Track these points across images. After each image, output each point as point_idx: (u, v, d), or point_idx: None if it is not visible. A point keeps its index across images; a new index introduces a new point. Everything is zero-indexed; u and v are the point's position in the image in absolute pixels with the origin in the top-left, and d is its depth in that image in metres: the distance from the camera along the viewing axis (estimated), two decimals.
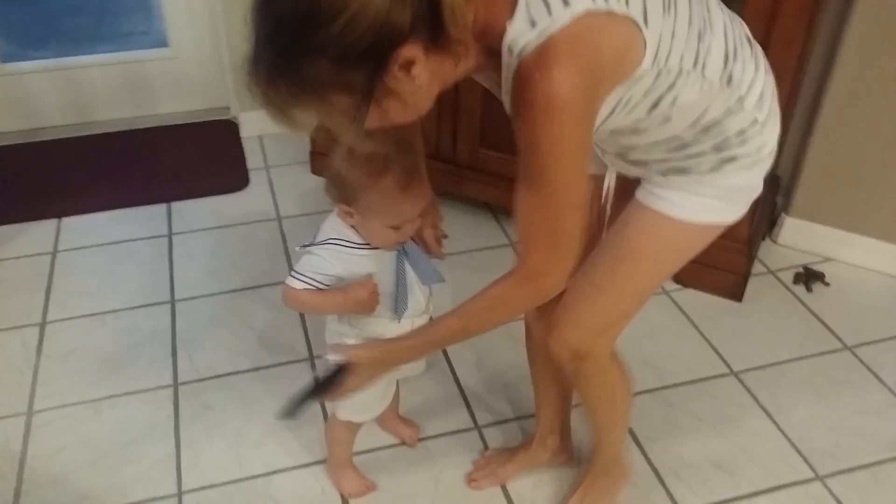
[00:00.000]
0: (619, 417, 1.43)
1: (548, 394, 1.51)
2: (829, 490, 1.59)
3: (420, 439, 1.68)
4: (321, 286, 1.24)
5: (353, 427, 1.51)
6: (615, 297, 1.20)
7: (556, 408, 1.53)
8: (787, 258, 2.22)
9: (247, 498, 1.56)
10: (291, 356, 1.88)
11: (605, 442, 1.46)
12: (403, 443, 1.67)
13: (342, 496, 1.56)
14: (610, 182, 1.23)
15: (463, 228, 2.32)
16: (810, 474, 1.62)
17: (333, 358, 1.18)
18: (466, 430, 1.71)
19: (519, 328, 1.47)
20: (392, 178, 1.14)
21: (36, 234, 2.28)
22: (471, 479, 1.60)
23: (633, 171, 1.16)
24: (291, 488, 1.58)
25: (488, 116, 2.17)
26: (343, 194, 1.20)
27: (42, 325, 1.97)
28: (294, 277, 1.24)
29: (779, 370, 1.86)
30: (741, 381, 1.83)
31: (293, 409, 1.18)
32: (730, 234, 1.97)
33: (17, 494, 1.56)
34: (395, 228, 1.20)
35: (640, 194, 1.15)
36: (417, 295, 1.30)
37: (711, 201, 1.13)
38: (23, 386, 1.80)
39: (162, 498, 1.56)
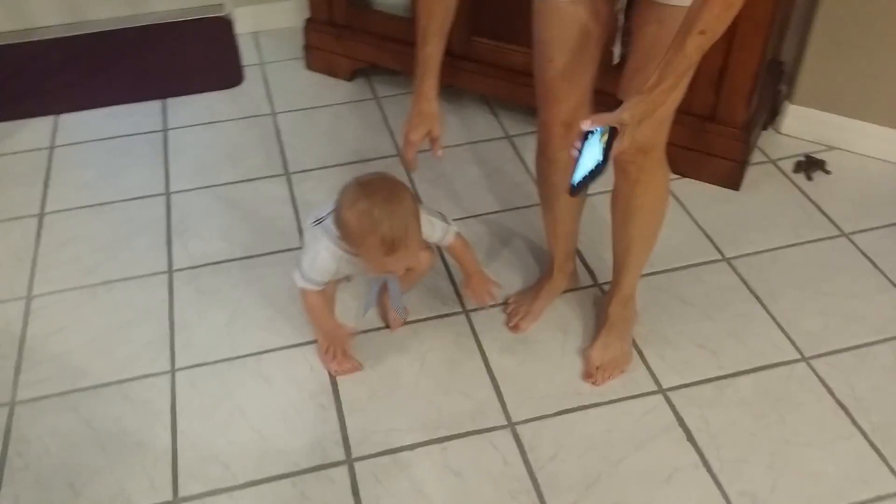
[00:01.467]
0: (656, 231, 1.53)
1: (564, 221, 1.63)
2: (814, 370, 1.59)
3: (408, 322, 1.70)
4: (316, 283, 1.49)
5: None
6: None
7: (571, 233, 1.67)
8: (789, 147, 2.17)
9: (237, 375, 1.60)
10: (283, 245, 1.90)
11: (635, 265, 1.56)
12: (387, 326, 1.69)
13: (329, 373, 1.60)
14: None
15: (459, 120, 2.29)
16: (796, 355, 1.62)
17: (591, 125, 1.12)
18: (454, 314, 1.73)
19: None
20: (376, 244, 1.33)
21: (33, 131, 2.29)
22: (512, 327, 1.67)
23: None
24: (281, 366, 1.62)
25: (480, 2, 2.11)
26: (344, 235, 1.39)
27: (40, 216, 2.00)
28: (303, 280, 1.49)
29: (771, 256, 1.85)
30: (732, 267, 1.82)
31: (580, 188, 1.12)
32: (726, 119, 1.96)
33: (18, 371, 1.62)
34: (384, 271, 1.43)
35: None
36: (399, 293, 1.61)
37: None
38: (22, 272, 1.84)
39: (156, 374, 1.61)
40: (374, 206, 1.33)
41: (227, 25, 2.69)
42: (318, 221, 1.47)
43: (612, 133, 1.11)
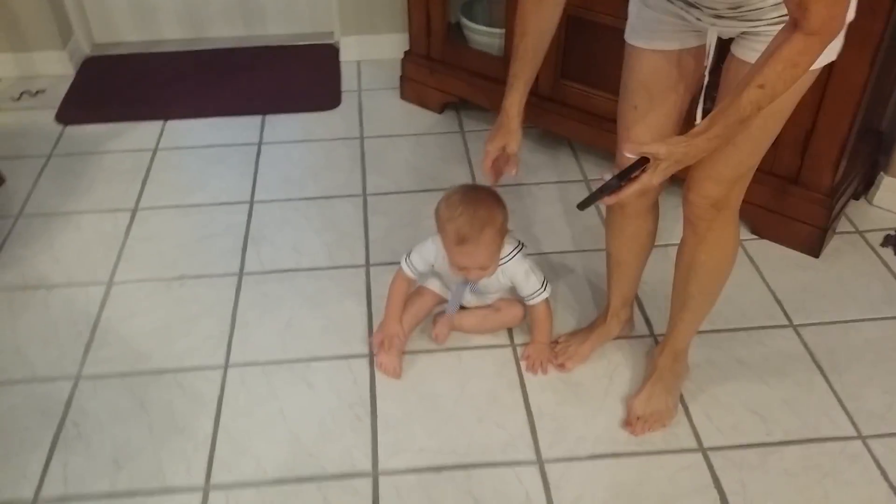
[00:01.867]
0: (718, 290, 1.51)
1: (626, 267, 1.63)
2: (870, 450, 1.50)
3: (455, 348, 1.72)
4: (412, 267, 1.65)
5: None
6: (749, 151, 1.29)
7: (632, 281, 1.66)
8: (880, 220, 2.08)
9: (285, 378, 1.66)
10: (349, 262, 1.96)
11: (691, 320, 1.54)
12: (436, 338, 1.71)
13: (371, 387, 1.63)
14: (711, 43, 1.26)
15: (540, 159, 2.32)
16: (852, 432, 1.54)
17: (628, 154, 1.20)
18: (501, 347, 1.73)
19: None
20: (452, 231, 1.49)
21: (142, 133, 2.46)
22: (558, 365, 1.67)
23: (738, 28, 1.19)
24: (326, 375, 1.66)
25: (570, 47, 2.14)
26: (436, 221, 1.55)
27: (134, 211, 2.14)
28: (403, 259, 1.66)
29: (843, 329, 1.76)
30: (798, 334, 1.75)
31: (588, 202, 1.23)
32: (810, 183, 1.90)
33: (88, 348, 1.73)
34: (457, 267, 1.55)
35: (746, 54, 1.20)
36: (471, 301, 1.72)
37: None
38: (109, 260, 1.98)
39: (210, 368, 1.68)
40: (463, 202, 1.51)
41: (333, 52, 2.83)
42: None
43: (641, 163, 1.13)
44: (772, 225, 2.00)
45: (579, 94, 2.19)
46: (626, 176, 1.18)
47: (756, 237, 2.02)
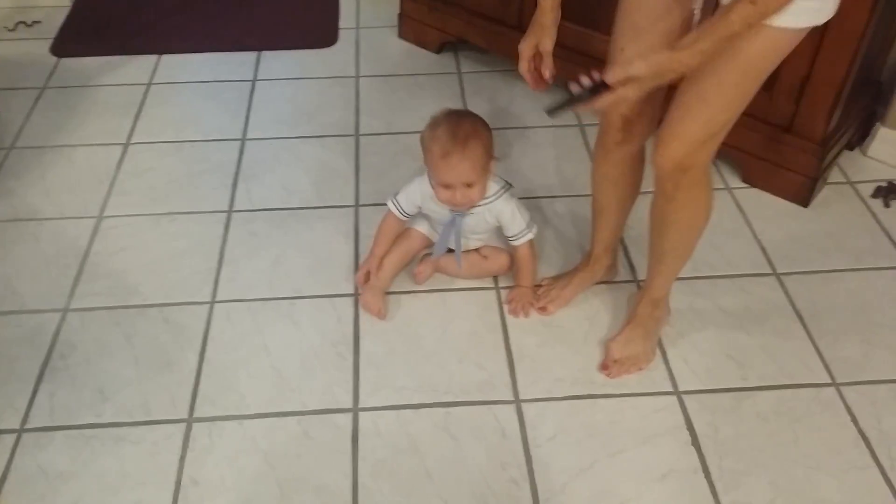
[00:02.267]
0: (692, 245, 1.50)
1: (609, 214, 1.62)
2: (842, 397, 1.53)
3: (439, 290, 1.73)
4: (400, 209, 1.67)
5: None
6: (721, 107, 1.25)
7: (614, 227, 1.66)
8: (872, 171, 2.07)
9: (269, 315, 1.68)
10: (338, 202, 1.96)
11: (668, 272, 1.54)
12: (416, 275, 1.73)
13: (354, 326, 1.65)
14: None
15: (533, 104, 2.29)
16: (826, 379, 1.56)
17: (611, 82, 1.17)
18: (485, 289, 1.75)
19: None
20: (436, 146, 1.51)
21: (137, 67, 2.45)
22: (539, 308, 1.68)
23: None
24: (310, 313, 1.69)
25: None
26: (421, 147, 1.57)
27: (126, 146, 2.14)
28: (391, 199, 1.68)
29: (825, 277, 1.77)
30: (781, 283, 1.76)
31: (554, 110, 1.23)
32: (804, 132, 1.88)
33: (77, 282, 1.75)
34: (445, 187, 1.54)
35: None
36: (459, 245, 1.69)
37: (812, 3, 1.12)
38: (99, 193, 1.98)
39: (197, 303, 1.71)
40: (445, 120, 1.55)
41: None
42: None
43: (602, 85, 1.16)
44: (762, 173, 1.99)
45: (577, 35, 2.15)
46: (594, 92, 1.17)
47: (746, 185, 2.02)
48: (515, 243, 1.66)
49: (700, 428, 1.47)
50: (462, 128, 1.52)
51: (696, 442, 1.45)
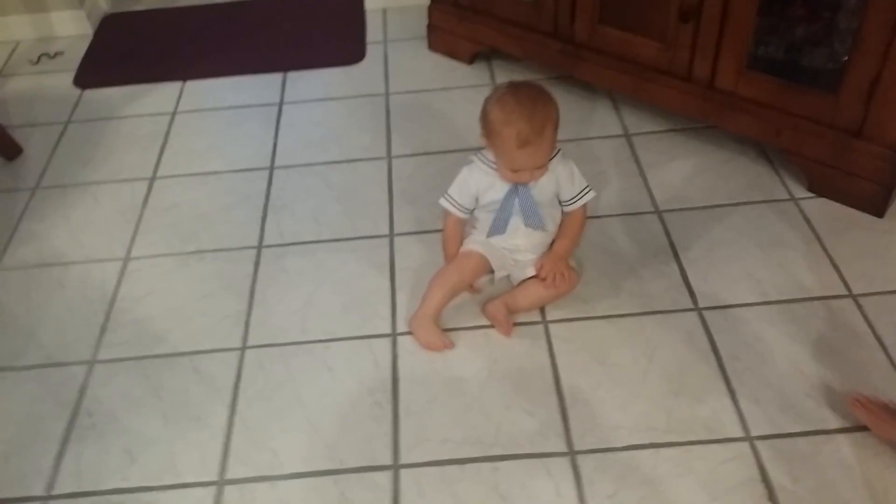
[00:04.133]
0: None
1: None
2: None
3: (482, 326, 1.61)
4: (458, 205, 1.58)
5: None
6: None
7: None
8: None
9: (303, 361, 1.58)
10: (372, 231, 1.85)
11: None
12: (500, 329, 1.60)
13: (392, 370, 1.54)
14: None
15: (576, 114, 2.16)
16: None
17: None
18: (532, 324, 1.62)
19: None
20: (513, 134, 1.41)
21: (161, 95, 2.37)
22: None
23: None
24: (346, 357, 1.58)
25: None
26: (484, 128, 1.48)
27: (152, 180, 2.06)
28: (444, 197, 1.59)
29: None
30: (859, 306, 1.60)
31: None
32: (875, 136, 1.71)
33: (104, 330, 1.67)
34: (513, 171, 1.46)
35: None
36: (520, 228, 1.57)
37: None
38: (125, 233, 1.91)
39: (227, 350, 1.61)
40: (519, 101, 1.43)
41: (357, 1, 2.68)
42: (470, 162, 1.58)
43: None
44: (831, 181, 1.83)
45: (619, 41, 2.01)
46: None
47: (813, 195, 1.85)
48: (576, 205, 1.58)
49: (776, 479, 1.32)
50: (538, 113, 1.42)
51: (773, 497, 1.30)
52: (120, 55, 2.56)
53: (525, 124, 1.41)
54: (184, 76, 2.44)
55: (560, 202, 1.59)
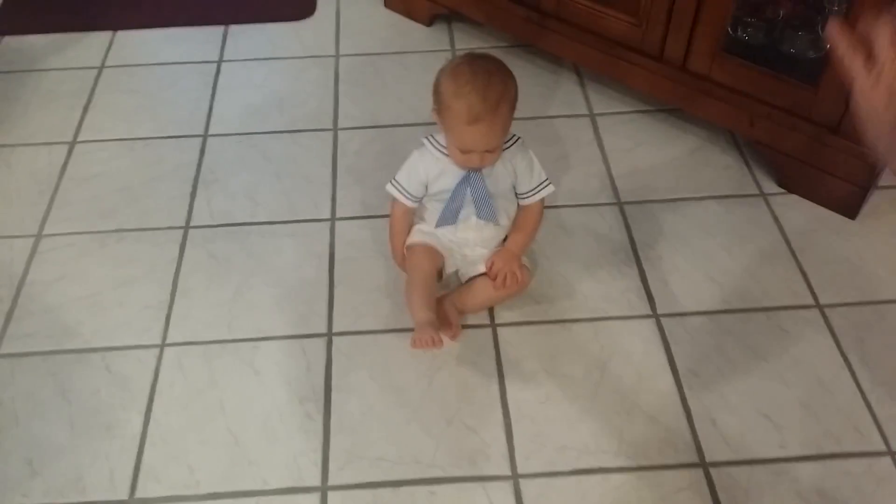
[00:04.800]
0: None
1: None
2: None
3: None
4: (406, 193, 1.43)
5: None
6: None
7: None
8: None
9: (228, 362, 1.45)
10: (312, 215, 1.71)
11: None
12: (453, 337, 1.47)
13: (326, 375, 1.42)
14: None
15: (538, 89, 2.01)
16: (881, 447, 1.32)
17: None
18: (480, 327, 1.50)
19: None
20: (464, 108, 1.27)
21: (88, 47, 2.16)
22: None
23: None
24: (276, 359, 1.45)
25: None
26: (435, 101, 1.35)
27: (72, 144, 1.88)
28: (390, 183, 1.45)
29: (877, 311, 1.52)
30: (825, 318, 1.51)
31: None
32: (853, 135, 1.60)
33: (9, 319, 1.52)
34: (462, 151, 1.33)
35: None
36: (471, 220, 1.43)
37: None
38: (39, 206, 1.73)
39: (144, 347, 1.47)
40: (474, 72, 1.29)
41: None
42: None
43: None
44: (803, 178, 1.72)
45: (587, 12, 1.85)
46: None
47: (783, 191, 1.74)
48: (533, 199, 1.46)
49: None
50: (493, 87, 1.28)
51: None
52: None
53: (477, 98, 1.27)
54: (115, 25, 2.22)
55: (516, 195, 1.46)
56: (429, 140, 1.42)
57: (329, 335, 1.48)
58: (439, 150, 1.40)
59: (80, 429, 1.35)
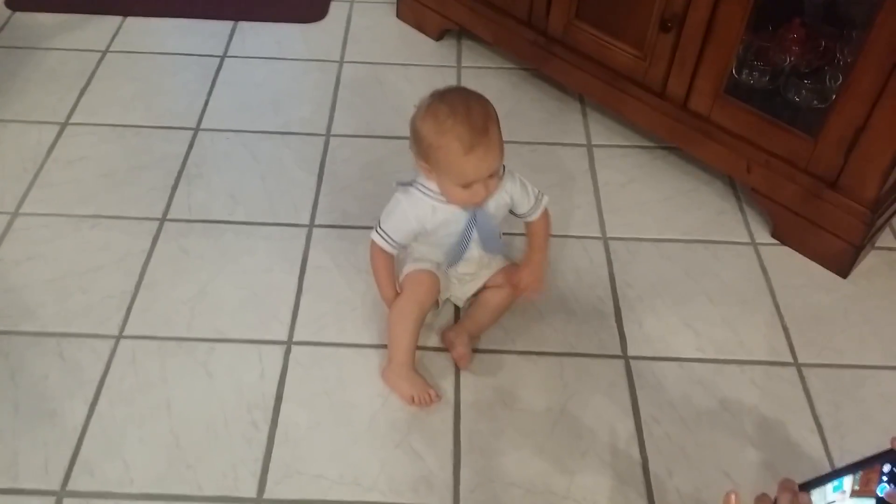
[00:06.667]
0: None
1: None
2: None
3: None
4: (393, 243, 1.35)
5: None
6: None
7: None
8: None
9: (181, 360, 1.42)
10: (291, 219, 1.68)
11: None
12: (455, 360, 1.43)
13: (279, 384, 1.38)
14: None
15: (540, 114, 1.97)
16: None
17: None
18: (437, 350, 1.46)
19: None
20: (454, 141, 1.22)
21: (96, 29, 2.16)
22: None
23: None
24: (230, 363, 1.42)
25: None
26: (419, 150, 1.27)
27: (63, 126, 1.87)
28: (376, 232, 1.35)
29: (857, 376, 1.46)
30: (802, 377, 1.45)
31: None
32: (851, 190, 1.55)
33: None
34: (465, 187, 1.26)
35: None
36: (474, 255, 1.40)
37: None
38: (21, 184, 1.72)
39: (100, 337, 1.45)
40: (451, 105, 1.24)
41: None
42: (403, 184, 1.35)
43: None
44: (797, 231, 1.67)
45: (593, 41, 1.82)
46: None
47: (776, 242, 1.69)
48: (537, 213, 1.42)
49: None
50: (474, 110, 1.24)
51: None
52: None
53: (464, 128, 1.22)
54: (125, 11, 2.22)
55: (518, 216, 1.42)
56: (418, 189, 1.32)
57: (289, 343, 1.45)
58: (435, 198, 1.31)
59: (24, 413, 1.33)
